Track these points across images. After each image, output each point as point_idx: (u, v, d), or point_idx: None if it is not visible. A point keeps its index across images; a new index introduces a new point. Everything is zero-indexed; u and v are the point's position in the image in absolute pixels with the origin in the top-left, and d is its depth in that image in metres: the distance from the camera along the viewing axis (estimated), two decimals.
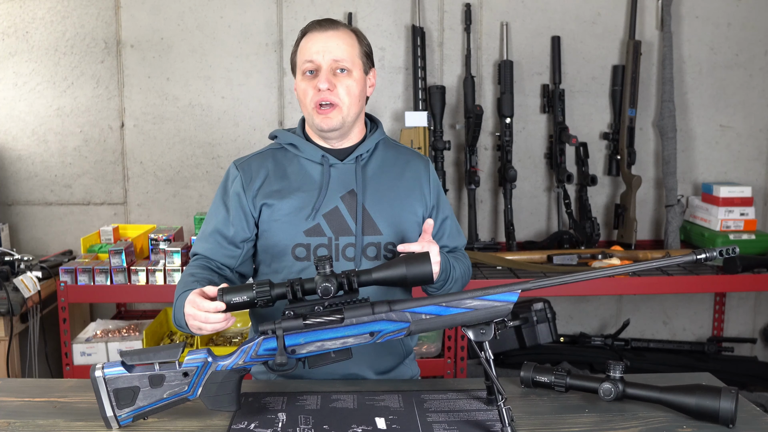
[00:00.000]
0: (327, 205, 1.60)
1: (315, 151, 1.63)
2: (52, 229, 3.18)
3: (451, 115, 3.14)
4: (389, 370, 1.69)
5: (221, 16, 3.08)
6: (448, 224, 1.73)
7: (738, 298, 3.37)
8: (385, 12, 3.10)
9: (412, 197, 1.66)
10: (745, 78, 3.24)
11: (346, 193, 1.61)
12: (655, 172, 3.27)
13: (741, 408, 1.36)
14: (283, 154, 1.67)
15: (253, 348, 1.32)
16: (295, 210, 1.60)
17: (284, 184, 1.62)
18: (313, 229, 1.59)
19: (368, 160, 1.66)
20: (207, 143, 3.15)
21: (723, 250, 1.26)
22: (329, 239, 1.59)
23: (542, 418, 1.37)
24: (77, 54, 3.08)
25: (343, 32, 1.60)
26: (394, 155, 1.70)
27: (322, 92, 1.56)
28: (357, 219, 1.60)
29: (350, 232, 1.59)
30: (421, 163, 1.72)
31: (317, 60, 1.57)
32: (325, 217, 1.59)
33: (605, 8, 3.16)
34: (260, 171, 1.64)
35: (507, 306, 1.28)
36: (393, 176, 1.67)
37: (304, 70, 1.59)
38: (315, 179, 1.62)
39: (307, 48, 1.59)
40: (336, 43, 1.57)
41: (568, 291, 2.78)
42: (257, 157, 1.67)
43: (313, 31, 1.60)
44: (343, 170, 1.63)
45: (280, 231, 1.60)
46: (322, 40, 1.58)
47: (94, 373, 1.31)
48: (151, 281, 2.66)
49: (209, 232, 1.65)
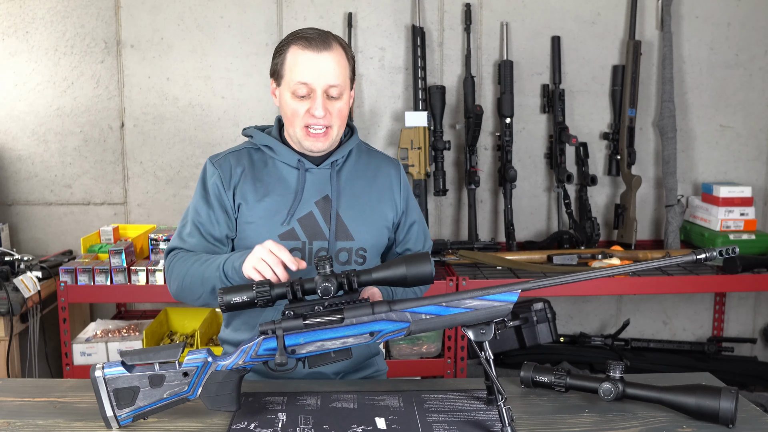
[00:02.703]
0: (302, 210, 1.61)
1: (291, 156, 1.63)
2: (52, 229, 3.18)
3: (451, 115, 3.14)
4: (355, 370, 1.70)
5: (221, 16, 3.08)
6: (415, 229, 1.75)
7: (738, 298, 3.37)
8: (385, 12, 3.10)
9: (383, 203, 1.68)
10: (745, 78, 3.24)
11: (321, 199, 1.63)
12: (655, 172, 3.27)
13: (741, 408, 1.36)
14: (259, 155, 1.67)
15: (253, 348, 1.32)
16: (270, 213, 1.60)
17: (258, 186, 1.62)
18: (288, 233, 1.60)
19: (342, 165, 1.68)
20: (207, 143, 3.14)
21: (723, 250, 1.26)
22: (303, 243, 1.60)
23: (542, 418, 1.37)
24: (77, 54, 3.08)
25: (336, 52, 1.57)
26: (367, 160, 1.72)
27: (316, 118, 1.56)
28: (331, 225, 1.61)
29: (323, 237, 1.61)
30: (392, 167, 1.74)
31: (312, 84, 1.55)
32: (300, 222, 1.61)
33: (605, 8, 3.16)
34: (237, 168, 1.64)
35: (507, 306, 1.28)
36: (366, 181, 1.69)
37: (295, 91, 1.56)
38: (290, 183, 1.63)
39: (299, 69, 1.55)
40: (332, 67, 1.55)
41: (568, 291, 2.79)
42: (233, 155, 1.67)
43: (306, 49, 1.55)
44: (318, 175, 1.64)
45: (255, 233, 1.60)
46: (316, 62, 1.55)
47: (94, 373, 1.31)
48: (151, 281, 2.66)
49: (193, 230, 1.63)
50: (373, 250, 1.67)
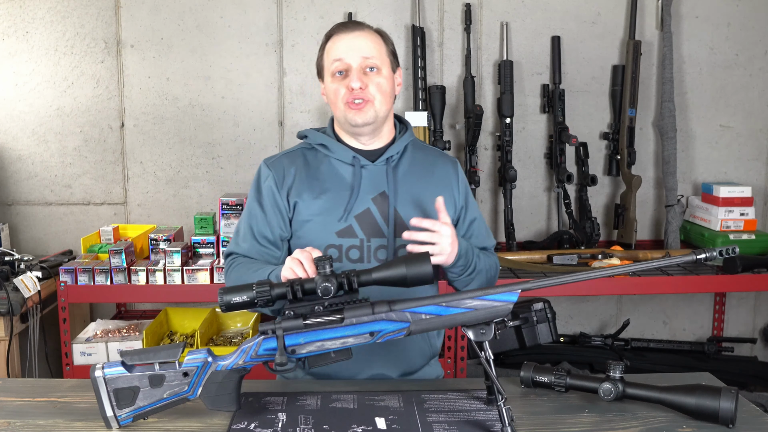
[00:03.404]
0: (359, 207, 1.61)
1: (346, 152, 1.64)
2: (52, 229, 3.18)
3: (451, 115, 3.14)
4: (415, 370, 1.69)
5: (221, 16, 3.08)
6: (476, 225, 1.73)
7: (738, 298, 3.37)
8: (385, 12, 3.10)
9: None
10: (745, 78, 3.24)
11: (378, 195, 1.62)
12: (655, 172, 3.27)
13: (741, 408, 1.36)
14: (313, 154, 1.67)
15: (253, 348, 1.32)
16: (326, 211, 1.60)
17: (315, 184, 1.62)
18: (345, 230, 1.60)
19: (398, 161, 1.67)
20: (207, 143, 3.15)
21: (723, 250, 1.26)
22: (361, 241, 1.60)
23: (542, 418, 1.37)
24: (77, 54, 3.08)
25: (369, 32, 1.62)
26: (423, 156, 1.71)
27: (355, 91, 1.57)
28: (389, 221, 1.60)
29: (382, 234, 1.60)
30: (449, 163, 1.73)
31: (346, 59, 1.58)
32: (357, 219, 1.60)
33: (605, 8, 3.16)
34: (291, 169, 1.65)
35: (507, 306, 1.28)
36: (422, 178, 1.67)
37: (334, 71, 1.60)
38: (346, 180, 1.63)
39: (334, 48, 1.60)
40: (364, 42, 1.59)
41: (568, 291, 2.78)
42: (287, 156, 1.68)
43: (338, 32, 1.61)
44: (374, 171, 1.64)
45: (312, 232, 1.60)
46: (349, 39, 1.59)
47: (94, 373, 1.31)
48: (151, 281, 2.66)
49: (247, 233, 1.64)
50: None
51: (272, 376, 1.43)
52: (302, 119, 3.15)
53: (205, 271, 2.67)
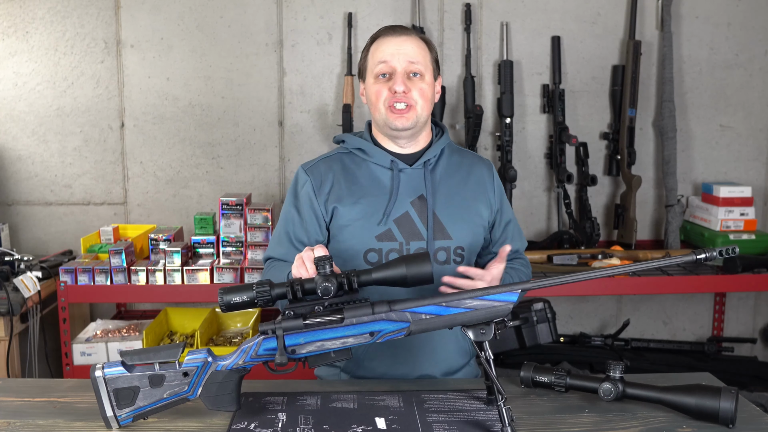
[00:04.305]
0: (397, 210, 1.62)
1: (384, 156, 1.65)
2: (52, 229, 3.18)
3: (451, 115, 3.14)
4: (458, 369, 1.70)
5: (221, 16, 3.08)
6: (511, 227, 1.75)
7: (738, 298, 3.37)
8: (385, 12, 3.10)
9: (478, 201, 1.68)
10: (745, 78, 3.24)
11: (416, 199, 1.63)
12: (655, 172, 3.27)
13: (741, 408, 1.36)
14: (351, 159, 1.68)
15: (253, 348, 1.32)
16: (366, 215, 1.61)
17: (353, 189, 1.63)
18: (385, 234, 1.61)
19: (435, 164, 1.68)
20: (207, 143, 3.15)
21: (723, 250, 1.26)
22: (400, 244, 1.60)
23: (542, 418, 1.37)
24: (77, 54, 3.08)
25: (416, 38, 1.64)
26: (459, 159, 1.73)
27: (398, 95, 1.58)
28: (428, 224, 1.61)
29: (421, 237, 1.61)
30: (484, 166, 1.74)
31: (392, 62, 1.60)
32: (396, 222, 1.61)
33: (605, 8, 3.16)
34: (329, 174, 1.66)
35: (507, 306, 1.28)
36: (459, 181, 1.69)
37: (378, 73, 1.61)
38: (384, 184, 1.64)
39: (380, 50, 1.62)
40: (410, 47, 1.61)
41: (568, 291, 2.79)
42: (325, 161, 1.69)
43: (385, 35, 1.63)
44: (411, 175, 1.65)
45: (352, 236, 1.61)
46: (396, 43, 1.61)
47: (94, 373, 1.31)
48: (151, 281, 2.66)
49: (284, 237, 1.65)
50: (470, 248, 1.67)
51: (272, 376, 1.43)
52: (302, 119, 3.15)
53: (205, 271, 2.67)
